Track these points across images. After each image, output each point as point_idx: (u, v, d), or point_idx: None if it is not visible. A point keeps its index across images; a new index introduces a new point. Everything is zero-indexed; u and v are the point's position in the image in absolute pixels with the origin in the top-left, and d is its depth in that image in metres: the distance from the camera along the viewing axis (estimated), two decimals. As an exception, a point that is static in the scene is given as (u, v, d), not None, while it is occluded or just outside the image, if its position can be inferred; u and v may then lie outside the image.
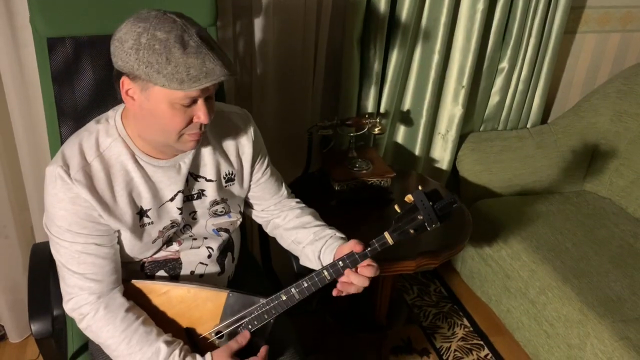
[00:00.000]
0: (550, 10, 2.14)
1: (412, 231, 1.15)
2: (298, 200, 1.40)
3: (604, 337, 1.64)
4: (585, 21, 2.34)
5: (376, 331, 1.93)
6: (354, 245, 1.14)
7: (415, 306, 2.30)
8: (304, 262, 1.31)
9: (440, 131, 2.23)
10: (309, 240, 1.27)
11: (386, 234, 1.15)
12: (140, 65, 0.97)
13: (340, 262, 1.14)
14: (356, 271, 1.14)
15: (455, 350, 2.10)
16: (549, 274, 1.86)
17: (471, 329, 2.21)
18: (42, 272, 1.30)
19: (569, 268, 1.87)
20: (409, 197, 1.16)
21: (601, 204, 2.26)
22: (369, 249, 1.14)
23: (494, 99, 2.29)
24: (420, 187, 1.16)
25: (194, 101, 1.02)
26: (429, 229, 1.14)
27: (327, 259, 1.21)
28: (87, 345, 1.33)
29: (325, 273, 1.14)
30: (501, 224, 2.12)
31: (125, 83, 1.02)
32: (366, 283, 1.14)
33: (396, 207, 1.17)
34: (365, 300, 1.96)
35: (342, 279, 1.15)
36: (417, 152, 2.21)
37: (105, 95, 1.42)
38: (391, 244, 1.15)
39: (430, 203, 1.13)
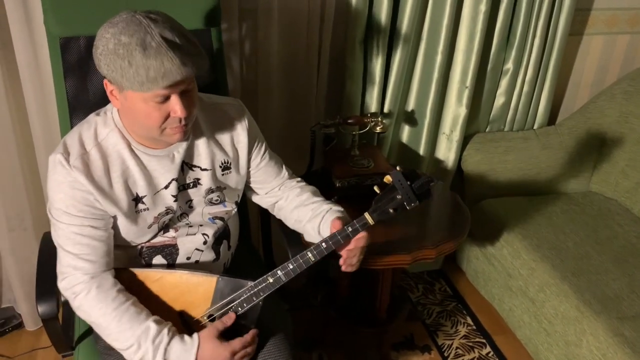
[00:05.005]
0: (555, 12, 2.16)
1: (391, 210, 1.19)
2: (299, 179, 1.46)
3: (599, 334, 1.65)
4: (593, 23, 2.34)
5: (376, 326, 1.96)
6: (335, 225, 1.23)
7: (420, 304, 2.33)
8: (308, 238, 1.37)
9: (445, 131, 2.26)
10: (308, 218, 1.33)
11: (366, 215, 1.20)
12: (109, 71, 1.04)
13: (323, 244, 1.21)
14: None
15: (457, 348, 2.12)
16: (548, 271, 1.88)
17: (474, 327, 2.22)
18: (50, 257, 1.36)
19: (568, 266, 1.88)
20: (387, 178, 1.20)
21: (607, 204, 2.26)
22: (350, 229, 1.20)
23: (500, 100, 2.31)
24: (397, 168, 1.20)
25: (167, 97, 1.07)
26: (408, 208, 1.18)
27: (326, 233, 1.27)
28: (92, 329, 1.40)
29: (310, 255, 1.20)
30: (505, 223, 2.13)
31: (108, 84, 1.10)
32: (361, 253, 1.24)
33: (376, 188, 1.21)
34: (367, 295, 2.00)
35: (343, 250, 1.24)
36: (421, 151, 2.24)
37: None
38: (372, 224, 1.20)
39: (408, 182, 1.17)
